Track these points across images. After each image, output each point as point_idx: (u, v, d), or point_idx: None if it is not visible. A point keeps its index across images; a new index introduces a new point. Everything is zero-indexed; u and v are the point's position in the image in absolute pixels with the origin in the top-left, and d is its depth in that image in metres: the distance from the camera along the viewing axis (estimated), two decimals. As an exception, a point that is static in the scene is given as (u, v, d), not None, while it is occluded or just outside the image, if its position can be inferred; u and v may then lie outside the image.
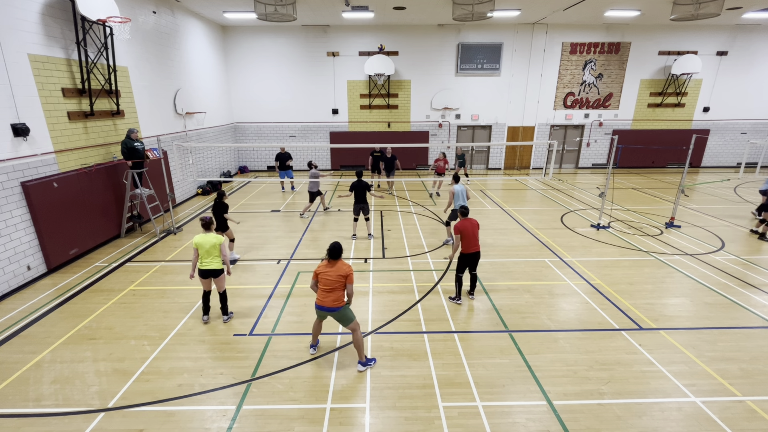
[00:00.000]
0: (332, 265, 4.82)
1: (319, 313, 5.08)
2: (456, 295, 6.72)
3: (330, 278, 4.78)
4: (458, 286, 6.66)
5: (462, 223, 6.42)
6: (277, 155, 14.08)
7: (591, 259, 8.56)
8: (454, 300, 6.73)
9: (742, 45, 17.92)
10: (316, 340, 5.43)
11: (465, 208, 6.65)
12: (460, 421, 4.26)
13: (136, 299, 6.88)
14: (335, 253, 4.81)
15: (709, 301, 6.81)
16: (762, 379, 4.90)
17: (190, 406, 4.48)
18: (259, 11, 11.23)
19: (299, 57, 17.68)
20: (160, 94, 12.19)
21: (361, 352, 5.04)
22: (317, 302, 4.94)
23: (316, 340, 5.44)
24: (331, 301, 4.82)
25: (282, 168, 14.12)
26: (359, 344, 5.01)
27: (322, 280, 4.84)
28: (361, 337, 5.07)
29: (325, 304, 4.84)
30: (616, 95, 18.61)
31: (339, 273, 4.78)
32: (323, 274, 4.83)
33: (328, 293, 4.82)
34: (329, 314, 4.93)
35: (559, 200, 13.55)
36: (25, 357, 5.34)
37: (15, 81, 7.20)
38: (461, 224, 6.39)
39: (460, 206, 6.72)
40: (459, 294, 6.70)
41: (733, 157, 19.72)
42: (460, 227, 6.35)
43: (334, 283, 4.79)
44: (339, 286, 4.81)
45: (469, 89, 18.32)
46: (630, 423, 4.22)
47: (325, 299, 4.84)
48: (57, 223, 7.98)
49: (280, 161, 14.07)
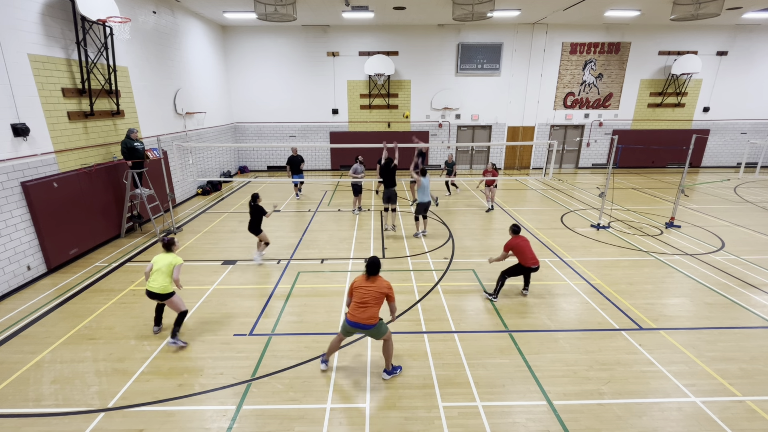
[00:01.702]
0: (371, 281, 4.56)
1: (347, 329, 4.71)
2: (494, 292, 6.84)
3: (368, 294, 4.51)
4: (500, 285, 6.83)
5: (514, 240, 6.69)
6: (290, 159, 13.12)
7: (591, 259, 8.56)
8: (491, 296, 6.84)
9: (742, 45, 17.92)
10: (329, 357, 5.05)
11: (517, 227, 6.85)
12: (460, 421, 4.26)
13: (136, 299, 6.88)
14: (374, 268, 4.57)
15: (709, 301, 6.81)
16: (762, 379, 4.90)
17: (190, 406, 4.48)
18: (259, 11, 11.23)
19: (299, 57, 17.68)
20: (160, 94, 12.19)
21: (389, 361, 4.86)
22: (349, 318, 4.59)
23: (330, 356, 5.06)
24: (366, 317, 4.51)
25: (295, 172, 13.22)
26: (389, 353, 4.81)
27: (358, 295, 4.54)
28: (392, 347, 4.87)
29: (360, 321, 4.52)
30: (616, 95, 18.61)
31: (379, 290, 4.53)
32: (361, 288, 4.55)
33: (364, 309, 4.51)
34: (361, 331, 4.62)
35: (559, 200, 13.55)
36: (25, 357, 5.34)
37: (15, 81, 7.19)
38: (513, 242, 6.67)
39: (513, 225, 6.91)
40: (497, 292, 6.85)
41: (733, 157, 19.72)
42: (512, 245, 6.66)
43: (373, 299, 4.51)
44: (377, 302, 4.54)
45: (469, 89, 18.32)
46: (630, 423, 4.23)
47: (360, 315, 4.51)
48: (57, 223, 7.98)
49: (292, 165, 13.14)
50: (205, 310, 6.52)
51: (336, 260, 8.52)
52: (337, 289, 7.21)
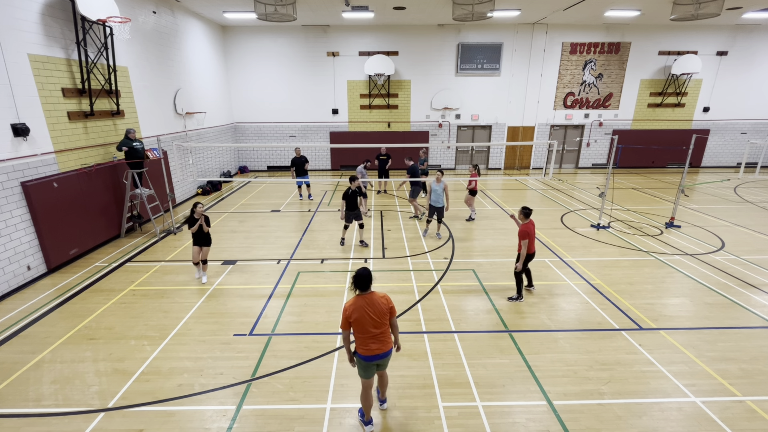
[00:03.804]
0: (369, 301, 3.78)
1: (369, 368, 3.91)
2: (518, 293, 6.75)
3: (376, 318, 3.77)
4: (521, 283, 6.74)
5: (530, 225, 6.48)
6: (293, 160, 12.79)
7: (591, 259, 8.56)
8: (516, 299, 6.74)
9: (742, 45, 17.92)
10: (368, 412, 4.12)
11: (528, 209, 6.54)
12: (460, 421, 4.26)
13: (136, 299, 6.88)
14: (366, 282, 3.78)
15: (709, 301, 6.81)
16: (762, 379, 4.90)
17: (190, 406, 4.48)
18: (259, 11, 11.23)
19: (299, 57, 17.68)
20: (160, 94, 12.19)
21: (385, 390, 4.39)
22: (365, 353, 3.83)
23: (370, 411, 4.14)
24: (388, 345, 3.90)
25: (300, 173, 12.87)
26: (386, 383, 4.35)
27: (367, 323, 3.76)
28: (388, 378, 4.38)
29: (385, 350, 3.86)
30: (616, 95, 18.61)
31: (383, 310, 3.82)
32: (365, 316, 3.75)
33: (382, 337, 3.86)
34: (381, 361, 3.93)
35: (559, 200, 13.55)
36: (25, 357, 5.34)
37: (15, 81, 7.19)
38: (530, 227, 6.45)
39: (524, 207, 6.55)
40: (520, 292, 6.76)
41: (733, 157, 19.72)
42: (529, 231, 6.41)
43: (382, 325, 3.83)
44: (384, 323, 3.85)
45: (469, 89, 18.32)
46: (630, 423, 4.22)
47: (382, 346, 3.85)
48: (57, 223, 7.98)
49: (296, 166, 12.80)
50: (205, 310, 6.52)
51: (336, 260, 8.52)
52: (337, 289, 7.21)
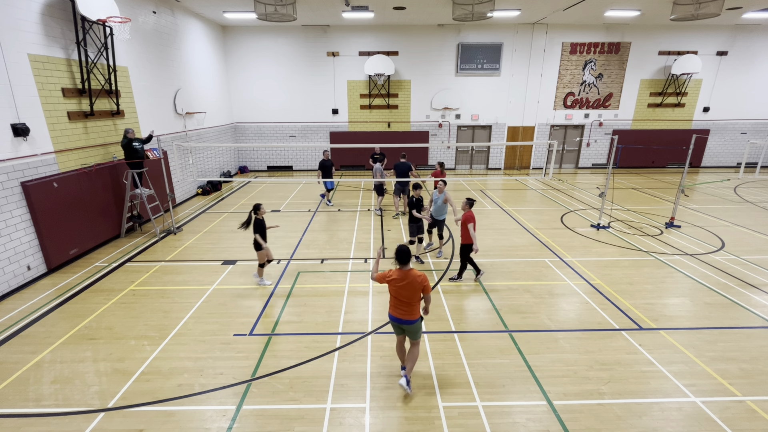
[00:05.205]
0: (404, 275, 4.33)
1: (394, 326, 4.64)
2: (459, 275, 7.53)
3: (407, 291, 4.33)
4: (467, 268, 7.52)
5: (471, 213, 7.08)
6: (321, 163, 12.13)
7: (591, 259, 8.56)
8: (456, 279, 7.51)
9: (742, 45, 17.92)
10: (406, 364, 4.68)
11: (472, 200, 7.18)
12: (460, 421, 4.26)
13: (136, 299, 6.88)
14: (405, 257, 4.35)
15: (709, 301, 6.81)
16: (762, 379, 4.90)
17: (190, 406, 4.48)
18: (259, 11, 11.23)
19: (299, 57, 17.68)
20: (160, 94, 12.19)
21: (412, 366, 4.67)
22: (392, 313, 4.51)
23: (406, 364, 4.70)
24: (409, 314, 4.43)
25: (326, 176, 12.25)
26: (414, 359, 4.67)
27: (396, 291, 4.39)
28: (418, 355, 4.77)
29: (404, 317, 4.44)
30: (616, 95, 18.61)
31: (415, 286, 4.32)
32: (397, 286, 4.36)
33: (406, 306, 4.40)
34: (402, 327, 4.53)
35: (559, 200, 13.55)
36: (25, 357, 5.34)
37: (15, 81, 7.19)
38: (472, 214, 7.06)
39: (468, 198, 7.24)
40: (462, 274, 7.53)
41: (733, 157, 19.72)
42: (472, 217, 7.02)
43: (411, 297, 4.36)
44: (414, 296, 4.37)
45: (469, 89, 18.32)
46: (630, 423, 4.23)
47: (403, 314, 4.43)
48: (57, 223, 7.98)
49: (324, 170, 12.15)
50: (205, 310, 6.52)
51: (336, 260, 8.52)
52: (337, 289, 7.21)
